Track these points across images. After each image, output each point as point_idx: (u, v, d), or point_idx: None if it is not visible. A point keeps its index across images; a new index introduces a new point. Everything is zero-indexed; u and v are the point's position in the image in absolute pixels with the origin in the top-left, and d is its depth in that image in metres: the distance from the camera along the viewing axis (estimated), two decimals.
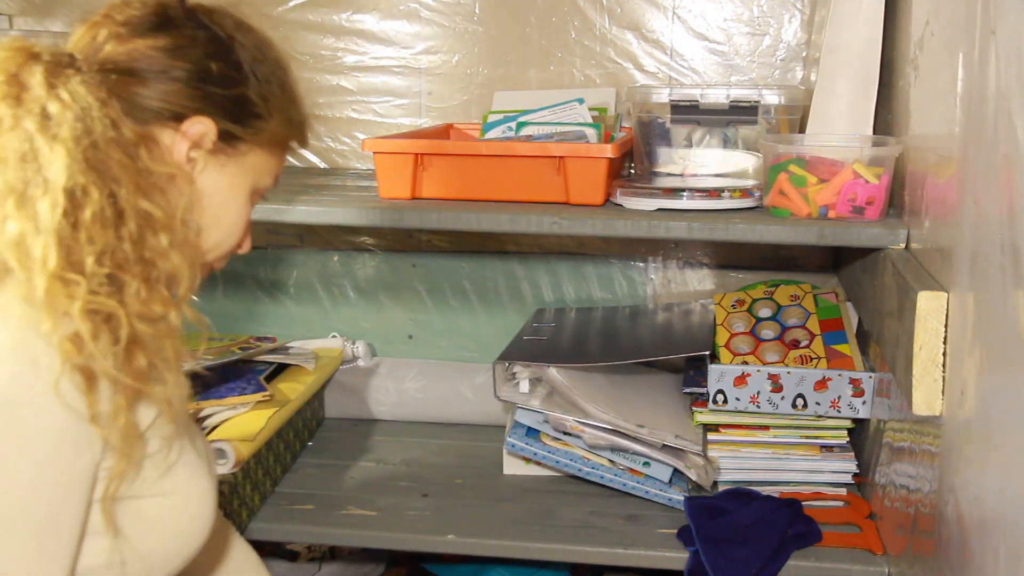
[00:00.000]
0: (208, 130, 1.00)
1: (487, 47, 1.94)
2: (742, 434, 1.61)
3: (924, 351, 1.12)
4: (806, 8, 1.84)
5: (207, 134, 1.00)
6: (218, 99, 1.01)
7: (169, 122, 0.99)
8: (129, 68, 0.97)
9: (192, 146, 1.00)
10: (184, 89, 0.99)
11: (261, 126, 1.04)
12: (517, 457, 1.68)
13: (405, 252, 2.04)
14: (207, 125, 1.00)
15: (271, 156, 1.08)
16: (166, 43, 0.98)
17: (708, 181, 1.60)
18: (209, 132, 1.00)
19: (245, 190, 1.07)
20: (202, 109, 1.00)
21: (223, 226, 1.06)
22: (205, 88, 1.00)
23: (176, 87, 0.98)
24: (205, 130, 1.00)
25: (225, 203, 1.05)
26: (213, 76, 1.00)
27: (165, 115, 0.98)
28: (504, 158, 1.54)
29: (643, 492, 1.59)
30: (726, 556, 1.41)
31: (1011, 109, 0.87)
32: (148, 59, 0.98)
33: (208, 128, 1.00)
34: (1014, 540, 0.84)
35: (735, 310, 1.78)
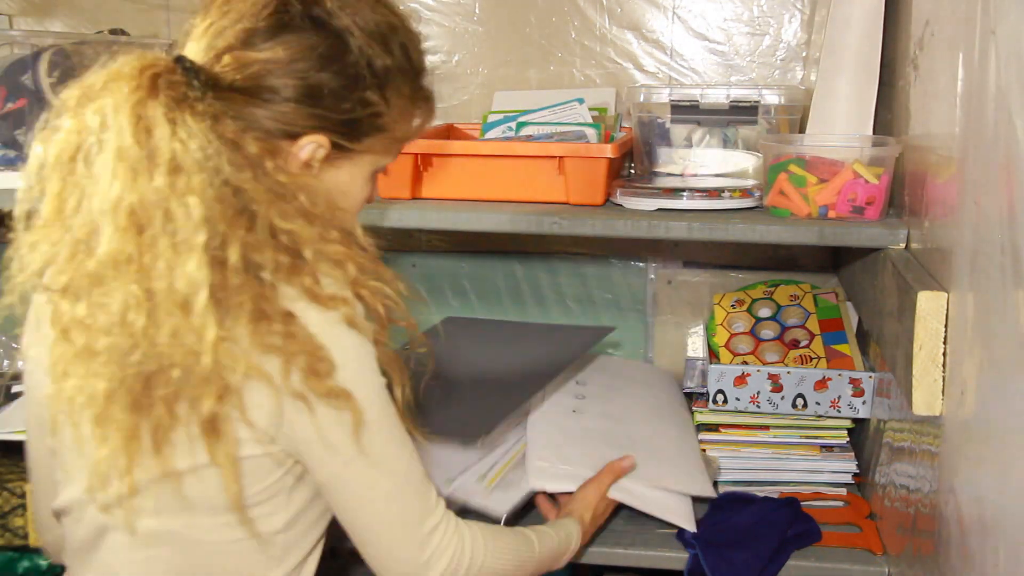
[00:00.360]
0: (320, 145, 1.02)
1: (487, 47, 1.94)
2: (742, 434, 1.61)
3: (924, 351, 1.12)
4: (806, 8, 1.84)
5: (320, 148, 1.02)
6: (330, 118, 1.01)
7: (283, 140, 1.00)
8: (244, 88, 0.97)
9: (305, 163, 1.02)
10: (296, 109, 0.99)
11: (380, 123, 1.05)
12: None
13: (405, 252, 2.03)
14: (320, 142, 1.01)
15: (392, 141, 1.09)
16: (281, 55, 0.98)
17: (708, 181, 1.60)
18: (323, 146, 1.02)
19: (363, 178, 1.09)
20: (315, 128, 1.01)
21: (351, 202, 1.10)
22: (317, 107, 1.00)
23: (289, 107, 0.99)
24: (317, 146, 1.01)
25: (342, 195, 1.07)
26: (326, 92, 1.00)
27: (278, 135, 0.99)
28: (504, 158, 1.54)
29: None
30: (726, 558, 1.41)
31: (1011, 109, 0.87)
32: (262, 77, 0.98)
33: (320, 144, 1.01)
34: (1014, 540, 0.84)
35: (735, 310, 1.78)
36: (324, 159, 1.03)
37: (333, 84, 1.00)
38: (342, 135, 1.02)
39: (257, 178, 0.95)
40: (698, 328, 1.82)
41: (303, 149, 1.01)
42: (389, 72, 1.04)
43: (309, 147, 1.01)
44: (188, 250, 0.91)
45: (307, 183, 1.00)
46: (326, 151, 1.02)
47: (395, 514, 1.04)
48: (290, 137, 1.00)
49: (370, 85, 1.02)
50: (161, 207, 0.91)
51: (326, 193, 1.03)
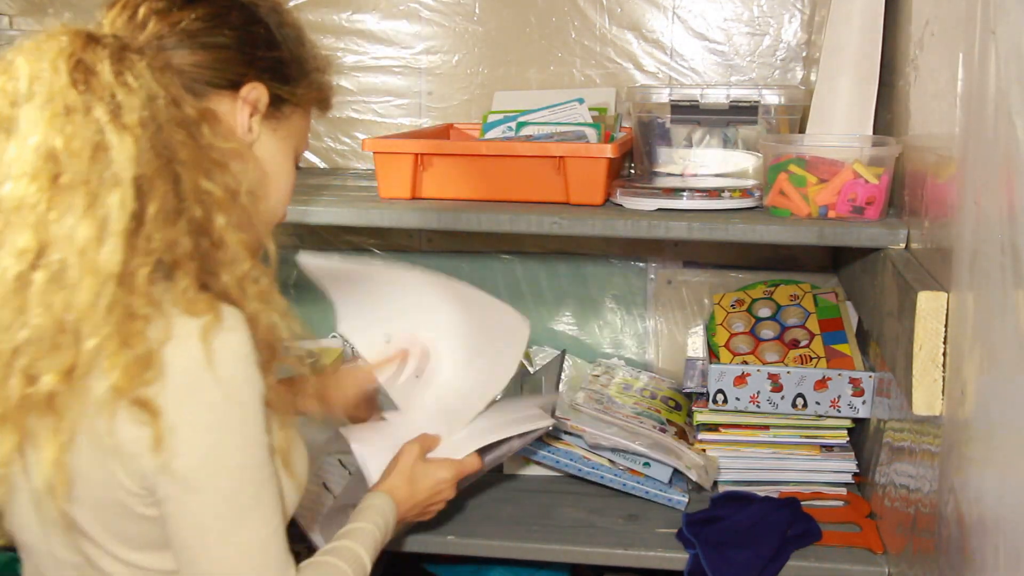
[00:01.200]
0: (262, 95, 1.03)
1: (487, 47, 1.94)
2: (742, 434, 1.61)
3: (924, 351, 1.12)
4: (806, 8, 1.84)
5: (261, 98, 1.03)
6: (264, 63, 1.03)
7: (227, 90, 1.01)
8: (178, 42, 0.98)
9: (252, 112, 1.02)
10: (234, 55, 1.01)
11: (299, 86, 1.07)
12: (517, 457, 1.68)
13: (405, 252, 2.03)
14: (260, 90, 1.02)
15: (306, 117, 1.11)
16: (206, 12, 1.00)
17: (708, 181, 1.60)
18: (263, 96, 1.03)
19: (292, 153, 1.10)
20: (253, 74, 1.02)
21: (279, 191, 1.09)
22: (253, 52, 1.02)
23: (228, 54, 1.00)
24: (259, 95, 1.02)
25: (279, 169, 1.08)
26: (257, 40, 1.02)
27: (222, 84, 1.00)
28: (504, 158, 1.54)
29: (643, 492, 1.59)
30: (726, 558, 1.41)
31: (1011, 109, 0.87)
32: (194, 31, 0.99)
33: (261, 93, 1.02)
34: (1014, 540, 0.84)
35: (735, 310, 1.78)
36: (264, 116, 1.04)
37: (260, 35, 1.03)
38: (277, 80, 1.04)
39: (191, 138, 0.93)
40: (698, 328, 1.82)
41: (249, 93, 1.01)
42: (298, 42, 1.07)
43: (253, 92, 1.02)
44: (114, 186, 0.88)
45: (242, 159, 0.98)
46: (266, 102, 1.03)
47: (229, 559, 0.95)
48: (233, 86, 1.01)
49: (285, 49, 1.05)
50: (92, 142, 0.88)
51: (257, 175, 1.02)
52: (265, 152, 1.05)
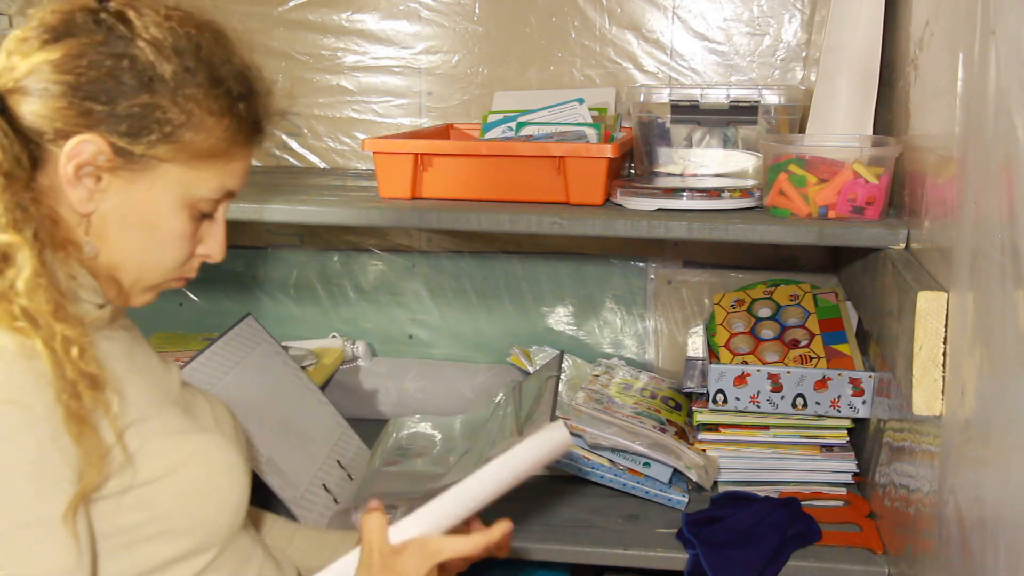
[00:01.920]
0: (98, 148, 0.93)
1: (487, 47, 1.94)
2: (742, 434, 1.61)
3: (924, 351, 1.12)
4: (806, 8, 1.84)
5: (99, 154, 0.93)
6: (102, 114, 0.93)
7: (58, 141, 0.93)
8: (20, 87, 0.94)
9: (79, 166, 0.94)
10: (64, 105, 0.93)
11: (177, 136, 0.95)
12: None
13: (405, 252, 2.04)
14: (95, 143, 0.93)
15: (200, 167, 0.98)
16: (57, 56, 0.93)
17: (708, 181, 1.60)
18: (100, 151, 0.93)
19: (171, 205, 0.98)
20: (87, 125, 0.93)
21: (152, 246, 0.99)
22: (86, 103, 0.93)
23: (56, 104, 0.93)
24: (94, 151, 0.93)
25: (145, 223, 0.98)
26: (101, 88, 0.93)
27: (49, 134, 0.93)
28: (504, 158, 1.54)
29: (643, 492, 1.59)
30: (726, 558, 1.41)
31: (1011, 109, 0.87)
32: (36, 75, 0.93)
33: (98, 147, 0.93)
34: (1014, 540, 0.84)
35: (735, 310, 1.78)
36: (108, 167, 0.94)
37: (110, 82, 0.93)
38: (120, 135, 0.93)
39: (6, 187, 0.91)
40: (698, 328, 1.82)
41: (76, 148, 0.93)
42: (182, 80, 0.95)
43: (83, 147, 0.93)
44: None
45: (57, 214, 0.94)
46: (107, 156, 0.94)
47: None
48: (63, 137, 0.93)
49: (156, 89, 0.94)
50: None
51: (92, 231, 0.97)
52: (119, 205, 0.96)
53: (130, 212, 0.97)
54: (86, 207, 0.96)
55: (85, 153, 0.93)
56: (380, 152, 1.58)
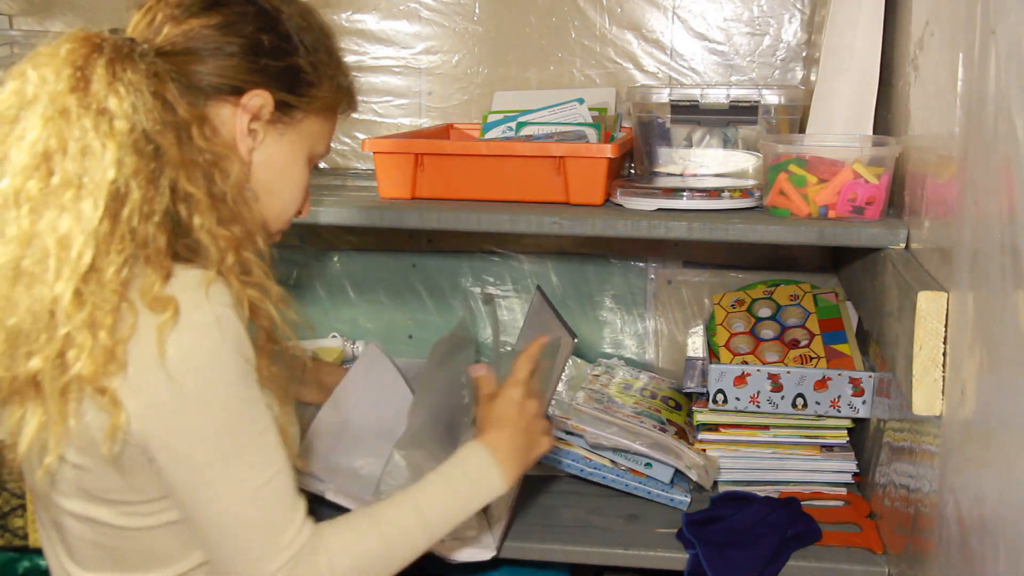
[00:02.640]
0: (266, 102, 1.06)
1: (487, 47, 1.94)
2: (742, 434, 1.61)
3: (924, 351, 1.12)
4: (806, 8, 1.84)
5: (265, 106, 1.06)
6: (272, 71, 1.06)
7: (229, 97, 1.05)
8: (186, 48, 1.03)
9: (252, 118, 1.06)
10: (240, 63, 1.04)
11: (314, 93, 1.10)
12: None
13: (405, 252, 2.04)
14: (264, 97, 1.06)
15: (325, 121, 1.14)
16: (219, 20, 1.04)
17: (708, 181, 1.60)
18: (267, 104, 1.06)
19: (303, 156, 1.13)
20: (258, 82, 1.05)
21: (285, 193, 1.12)
22: (259, 61, 1.05)
23: (232, 62, 1.04)
24: (263, 102, 1.06)
25: (286, 171, 1.11)
26: (266, 48, 1.06)
27: (224, 90, 1.05)
28: (504, 158, 1.54)
29: (645, 492, 1.59)
30: (726, 558, 1.41)
31: (1011, 109, 0.87)
32: (203, 38, 1.03)
33: (266, 100, 1.06)
34: (1014, 540, 0.84)
35: (735, 310, 1.78)
36: (269, 121, 1.07)
37: (272, 42, 1.06)
38: (285, 88, 1.07)
39: (179, 140, 0.98)
40: (698, 328, 1.82)
41: (251, 100, 1.05)
42: (316, 46, 1.10)
43: (255, 100, 1.05)
44: (92, 188, 0.94)
45: (229, 162, 1.02)
46: (270, 109, 1.07)
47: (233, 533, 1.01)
48: (236, 93, 1.05)
49: (302, 53, 1.08)
50: (79, 144, 0.94)
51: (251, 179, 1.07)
52: (270, 155, 1.10)
53: (274, 162, 1.10)
54: (248, 158, 1.08)
55: (256, 105, 1.06)
56: (380, 152, 1.58)
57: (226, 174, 1.01)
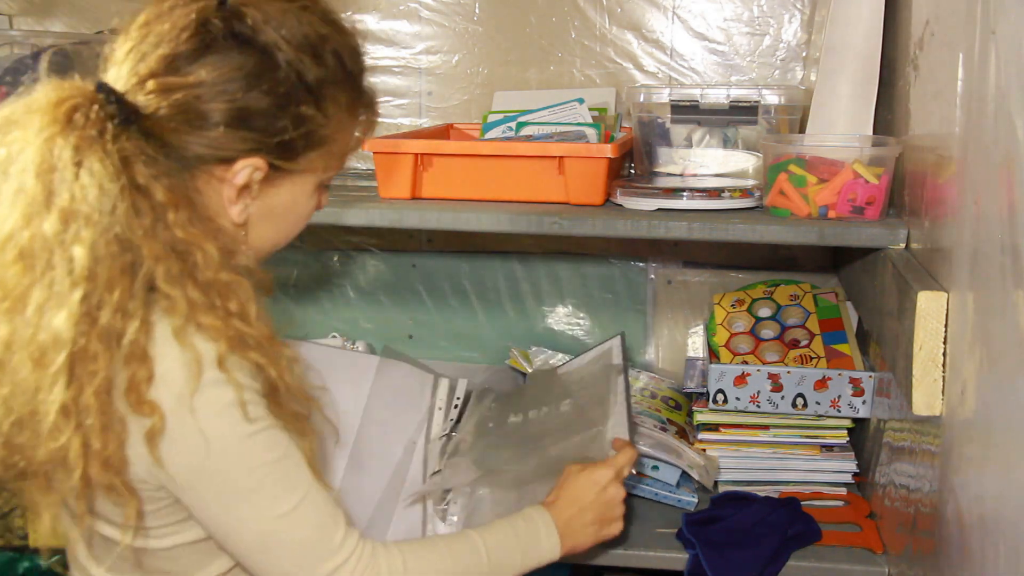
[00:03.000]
0: (257, 168, 0.98)
1: (487, 47, 1.94)
2: (742, 434, 1.61)
3: (924, 351, 1.12)
4: (806, 8, 1.84)
5: (256, 171, 0.98)
6: (265, 139, 0.97)
7: (215, 167, 0.97)
8: (170, 113, 0.94)
9: (241, 188, 0.99)
10: (228, 133, 0.95)
11: (319, 135, 1.00)
12: None
13: (405, 252, 2.03)
14: (256, 164, 0.98)
15: (333, 152, 1.04)
16: (207, 78, 0.94)
17: (708, 181, 1.60)
18: (259, 170, 0.98)
19: (308, 191, 1.05)
20: (249, 151, 0.97)
21: (289, 226, 1.07)
22: (251, 131, 0.96)
23: (219, 132, 0.95)
24: (253, 171, 0.98)
25: (288, 212, 1.05)
26: (257, 113, 0.96)
27: (211, 160, 0.96)
28: (504, 158, 1.54)
29: (652, 495, 1.59)
30: (726, 558, 1.41)
31: (1011, 109, 0.87)
32: (189, 102, 0.94)
33: (256, 167, 0.98)
34: (1014, 540, 0.84)
35: (735, 310, 1.78)
36: (263, 180, 1.00)
37: (264, 104, 0.96)
38: (278, 155, 0.98)
39: (153, 231, 0.92)
40: (698, 328, 1.82)
41: (239, 174, 0.97)
42: (323, 83, 0.99)
43: (245, 171, 0.97)
44: (60, 304, 0.89)
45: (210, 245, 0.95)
46: (263, 173, 0.99)
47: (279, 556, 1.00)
48: (224, 162, 0.97)
49: (304, 100, 0.98)
50: (46, 252, 0.89)
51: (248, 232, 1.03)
52: (268, 205, 1.02)
53: (275, 209, 1.03)
54: (242, 219, 1.01)
55: (246, 177, 0.97)
56: (380, 152, 1.58)
57: (209, 258, 0.95)
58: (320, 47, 0.99)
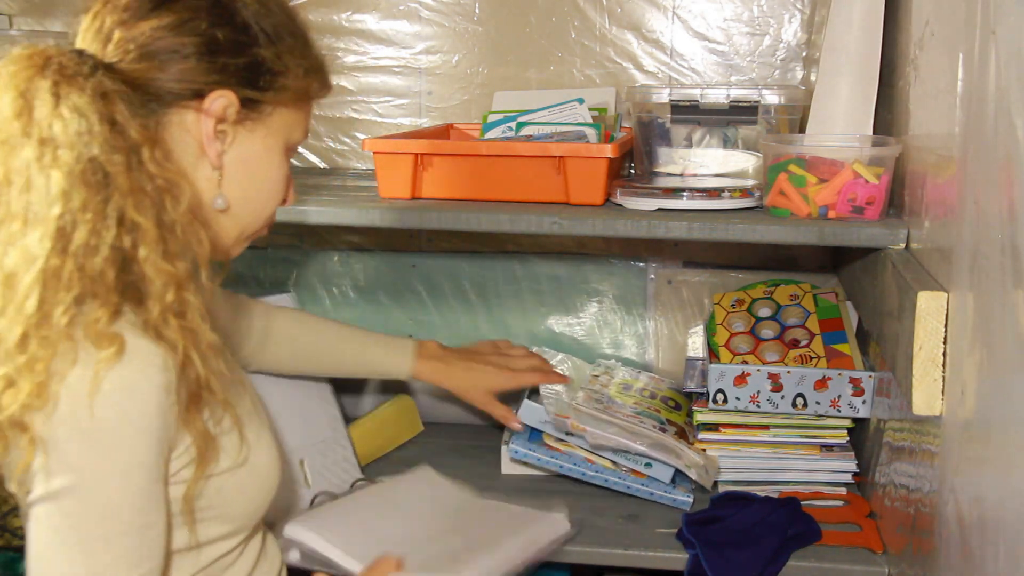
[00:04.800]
0: (230, 102, 1.01)
1: (487, 47, 1.94)
2: (742, 434, 1.61)
3: (924, 351, 1.12)
4: (806, 8, 1.84)
5: (230, 106, 1.01)
6: (232, 68, 1.00)
7: (190, 102, 0.99)
8: (138, 55, 0.97)
9: (218, 121, 1.01)
10: (197, 65, 0.99)
11: (281, 83, 1.04)
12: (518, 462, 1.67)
13: (405, 252, 2.04)
14: (228, 97, 1.01)
15: (297, 110, 1.08)
16: (170, 20, 0.98)
17: (708, 181, 1.60)
18: (231, 103, 1.01)
19: (278, 149, 1.08)
20: (220, 82, 1.00)
21: (264, 190, 1.08)
22: (217, 59, 0.99)
23: (188, 64, 0.98)
24: (227, 103, 1.01)
25: (261, 168, 1.07)
26: (223, 45, 1.00)
27: (185, 96, 0.99)
28: (504, 158, 1.54)
29: (647, 494, 1.59)
30: (726, 558, 1.41)
31: (1011, 109, 0.87)
32: (155, 42, 0.97)
33: (229, 100, 1.01)
34: (1014, 540, 0.84)
35: (735, 310, 1.78)
36: (236, 120, 1.02)
37: (229, 37, 1.00)
38: (248, 84, 1.01)
39: (129, 165, 0.93)
40: (698, 328, 1.82)
41: (213, 103, 0.99)
42: (279, 31, 1.04)
43: (219, 101, 1.00)
44: (38, 223, 0.90)
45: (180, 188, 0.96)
46: (235, 108, 1.01)
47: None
48: (197, 97, 0.99)
49: (263, 43, 1.02)
50: (23, 177, 0.90)
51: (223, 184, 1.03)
52: (242, 155, 1.04)
53: (248, 160, 1.05)
54: (220, 161, 1.03)
55: (220, 107, 1.00)
56: (380, 152, 1.58)
57: (177, 200, 0.96)
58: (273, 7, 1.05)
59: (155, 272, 0.94)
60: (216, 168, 1.03)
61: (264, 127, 1.05)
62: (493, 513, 1.49)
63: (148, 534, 0.95)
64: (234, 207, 1.06)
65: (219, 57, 0.99)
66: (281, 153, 1.08)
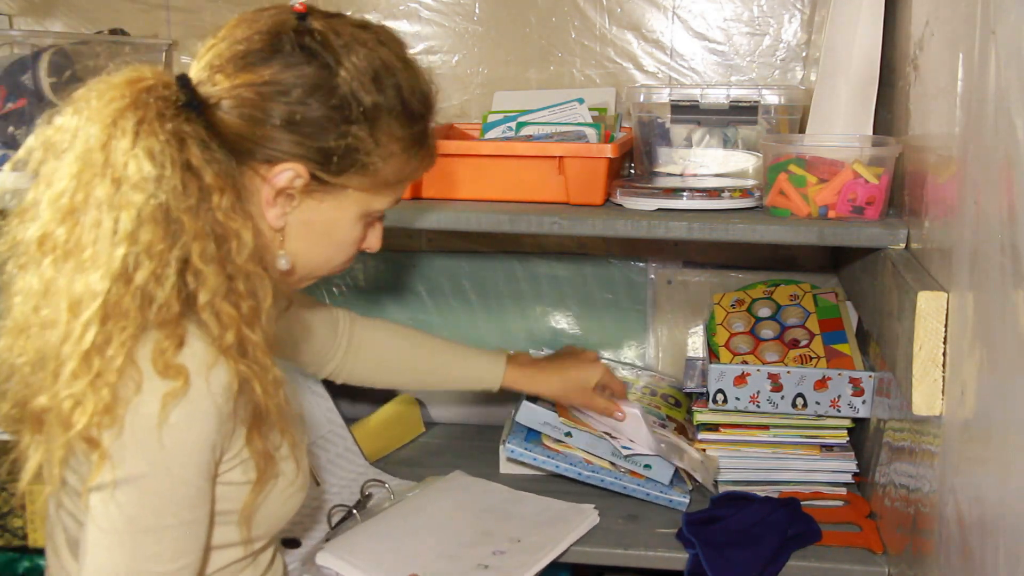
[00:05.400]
0: (298, 175, 1.01)
1: (487, 47, 1.94)
2: (742, 434, 1.61)
3: (924, 351, 1.12)
4: (806, 8, 1.84)
5: (297, 178, 1.01)
6: (311, 146, 1.00)
7: (260, 165, 1.00)
8: (230, 106, 0.98)
9: (279, 192, 1.01)
10: (278, 134, 0.99)
11: (363, 162, 1.03)
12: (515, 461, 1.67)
13: (405, 252, 2.04)
14: (297, 170, 1.01)
15: (378, 183, 1.06)
16: (266, 79, 0.98)
17: (708, 181, 1.60)
18: (299, 177, 1.01)
19: (351, 217, 1.07)
20: (295, 155, 1.00)
21: (327, 252, 1.09)
22: (298, 135, 0.99)
23: (270, 132, 0.99)
24: (294, 176, 1.01)
25: (327, 232, 1.07)
26: (309, 122, 0.99)
27: (257, 157, 1.00)
28: (504, 158, 1.54)
29: (644, 495, 1.59)
30: (726, 558, 1.41)
31: (1011, 109, 0.87)
32: (248, 98, 0.98)
33: (298, 173, 1.01)
34: (1014, 540, 0.84)
35: (735, 310, 1.78)
36: (303, 189, 1.03)
37: (317, 114, 1.00)
38: (320, 166, 1.01)
39: (198, 209, 0.95)
40: (698, 328, 1.82)
41: (279, 175, 1.01)
42: (379, 111, 1.03)
43: (286, 175, 1.01)
44: (103, 258, 0.93)
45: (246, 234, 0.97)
46: (304, 181, 1.02)
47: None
48: (269, 162, 1.01)
49: (356, 120, 1.01)
50: (97, 211, 0.93)
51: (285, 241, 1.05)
52: (307, 218, 1.05)
53: (314, 224, 1.06)
54: (279, 223, 1.04)
55: (285, 180, 1.01)
56: None
57: (243, 246, 0.97)
58: (383, 76, 1.03)
59: (213, 317, 0.95)
60: (276, 230, 1.04)
61: (334, 199, 1.05)
62: (528, 507, 1.55)
63: (192, 529, 0.98)
64: (297, 263, 1.07)
65: (300, 133, 1.00)
66: (353, 220, 1.08)
